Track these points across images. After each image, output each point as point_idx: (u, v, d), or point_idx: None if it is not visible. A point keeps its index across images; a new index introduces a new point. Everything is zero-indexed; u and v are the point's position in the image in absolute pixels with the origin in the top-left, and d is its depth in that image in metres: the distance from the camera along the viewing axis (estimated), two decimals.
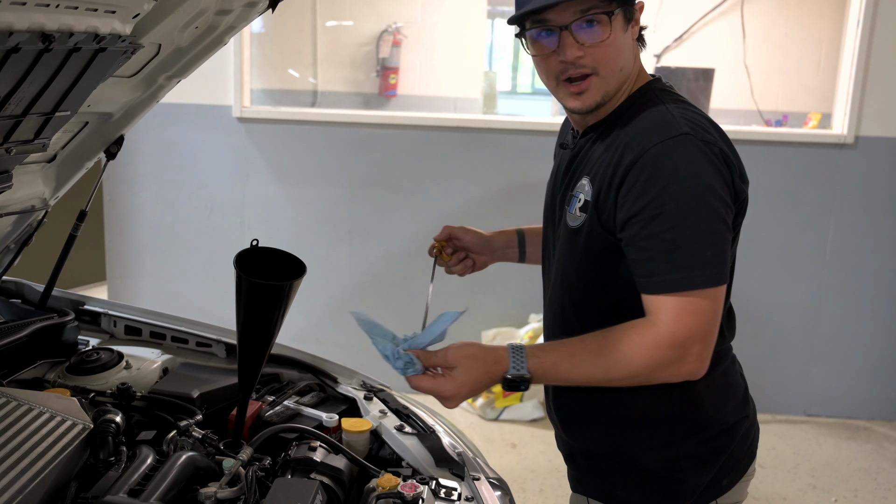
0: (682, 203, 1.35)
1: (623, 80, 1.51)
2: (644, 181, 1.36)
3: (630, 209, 1.39)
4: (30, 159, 1.76)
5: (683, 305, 1.35)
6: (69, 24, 1.20)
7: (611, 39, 1.44)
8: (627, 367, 1.38)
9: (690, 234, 1.35)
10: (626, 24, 1.46)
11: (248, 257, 1.55)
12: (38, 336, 1.90)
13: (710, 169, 1.37)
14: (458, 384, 1.44)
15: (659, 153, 1.36)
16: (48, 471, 1.33)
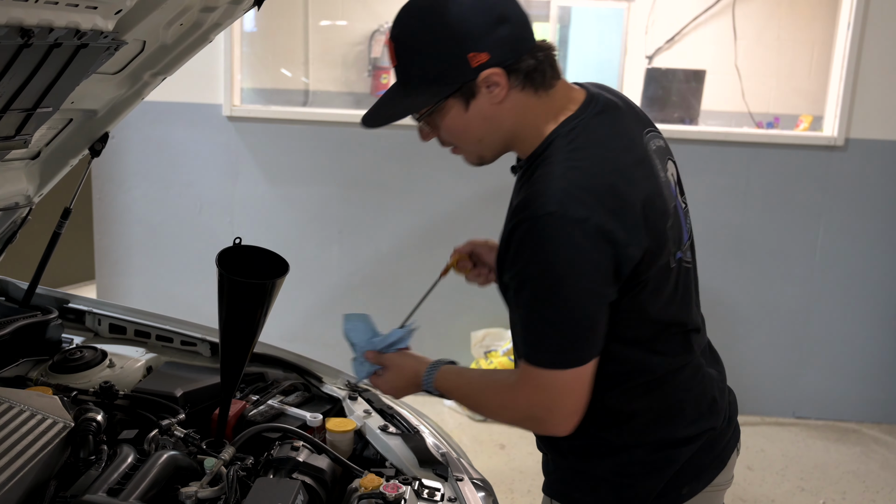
0: (536, 287, 1.35)
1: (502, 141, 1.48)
2: (512, 256, 1.37)
3: (509, 279, 1.41)
4: (12, 156, 1.75)
5: (529, 377, 1.40)
6: (49, 19, 1.19)
7: (447, 126, 1.45)
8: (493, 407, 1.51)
9: (540, 319, 1.37)
10: (464, 103, 1.40)
11: (231, 255, 1.55)
12: (20, 334, 1.89)
13: (570, 253, 1.32)
14: (388, 385, 1.62)
15: (524, 231, 1.34)
16: (27, 469, 1.32)
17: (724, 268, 4.34)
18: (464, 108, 1.41)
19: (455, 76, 1.38)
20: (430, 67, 1.39)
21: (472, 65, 1.36)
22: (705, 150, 4.26)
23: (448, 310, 4.50)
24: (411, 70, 1.41)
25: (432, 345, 4.53)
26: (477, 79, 1.38)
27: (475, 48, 1.36)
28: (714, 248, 4.30)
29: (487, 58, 1.37)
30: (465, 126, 1.44)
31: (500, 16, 1.38)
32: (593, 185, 1.36)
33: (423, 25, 1.38)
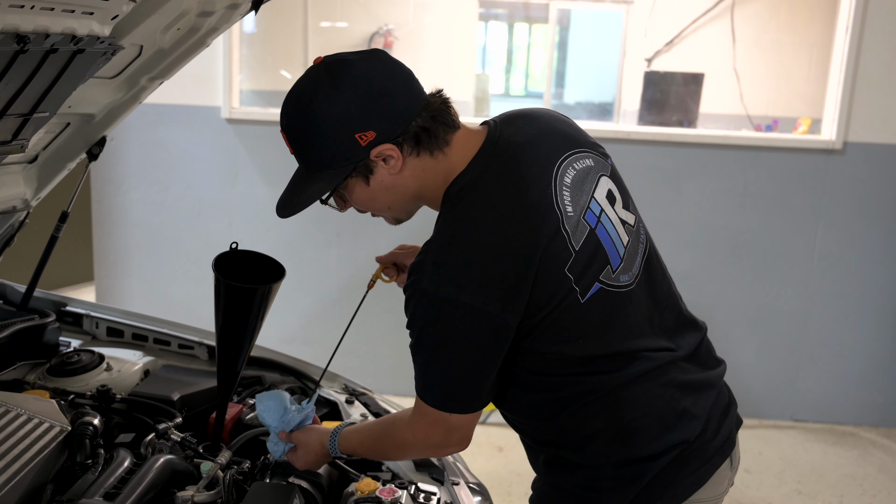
0: (421, 344, 1.42)
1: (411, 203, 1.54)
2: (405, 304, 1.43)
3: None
4: (10, 160, 1.75)
5: (424, 412, 1.44)
6: (45, 25, 1.20)
7: (355, 200, 1.49)
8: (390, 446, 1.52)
9: (426, 368, 1.43)
10: (364, 178, 1.44)
11: (228, 260, 1.55)
12: (18, 337, 1.89)
13: (443, 326, 1.40)
14: (302, 461, 1.58)
15: (409, 296, 1.41)
16: (24, 473, 1.32)
17: (722, 271, 4.34)
18: (365, 183, 1.44)
19: (348, 157, 1.40)
20: (323, 153, 1.40)
21: (361, 144, 1.39)
22: (704, 153, 4.27)
23: None
24: (307, 157, 1.43)
25: None
26: (369, 156, 1.40)
27: (360, 129, 1.38)
28: (712, 251, 4.31)
29: (374, 135, 1.39)
30: (371, 198, 1.47)
31: (379, 92, 1.40)
32: (466, 264, 1.38)
33: (306, 116, 1.40)
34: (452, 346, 1.40)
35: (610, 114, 5.09)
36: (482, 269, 1.38)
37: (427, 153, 1.44)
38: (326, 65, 1.43)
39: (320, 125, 1.39)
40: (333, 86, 1.39)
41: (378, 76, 1.41)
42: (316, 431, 1.61)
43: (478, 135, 1.50)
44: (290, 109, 1.43)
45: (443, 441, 1.46)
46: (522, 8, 5.35)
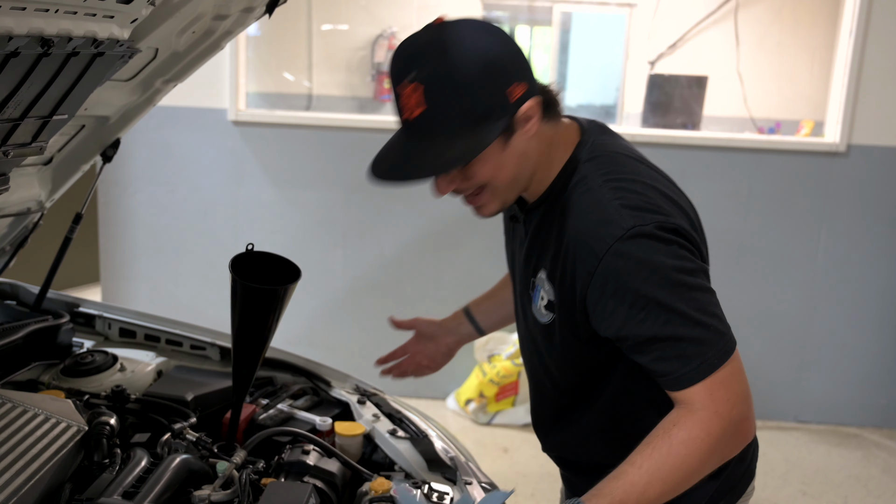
0: (662, 297, 1.28)
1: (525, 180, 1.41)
2: (613, 292, 1.30)
3: (614, 323, 1.33)
4: (27, 162, 1.77)
5: (712, 386, 1.29)
6: (68, 28, 1.21)
7: (484, 169, 1.34)
8: (694, 469, 1.31)
9: (684, 322, 1.28)
10: (504, 140, 1.32)
11: (244, 261, 1.56)
12: (32, 338, 1.90)
13: (666, 250, 1.29)
14: None
15: (615, 259, 1.28)
16: (43, 472, 1.33)
17: (725, 273, 4.35)
18: (502, 147, 1.32)
19: (500, 112, 1.28)
20: (477, 105, 1.27)
21: (511, 99, 1.28)
22: (707, 155, 4.28)
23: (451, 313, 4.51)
24: (452, 112, 1.27)
25: None
26: (517, 113, 1.30)
27: (511, 80, 1.28)
28: (716, 253, 4.30)
29: (525, 89, 1.30)
30: (502, 166, 1.34)
31: (514, 45, 1.31)
32: (646, 196, 1.33)
33: (459, 61, 1.25)
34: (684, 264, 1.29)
35: (612, 116, 5.11)
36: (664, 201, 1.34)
37: (548, 121, 1.38)
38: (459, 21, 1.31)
39: (478, 70, 1.25)
40: (487, 31, 1.29)
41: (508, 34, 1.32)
42: None
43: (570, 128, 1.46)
44: (437, 56, 1.26)
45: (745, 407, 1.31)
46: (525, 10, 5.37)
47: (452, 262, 4.48)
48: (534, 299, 1.49)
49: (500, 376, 4.28)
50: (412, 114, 1.28)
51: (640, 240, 1.28)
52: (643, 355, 1.32)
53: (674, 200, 1.38)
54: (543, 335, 1.50)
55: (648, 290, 1.27)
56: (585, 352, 1.45)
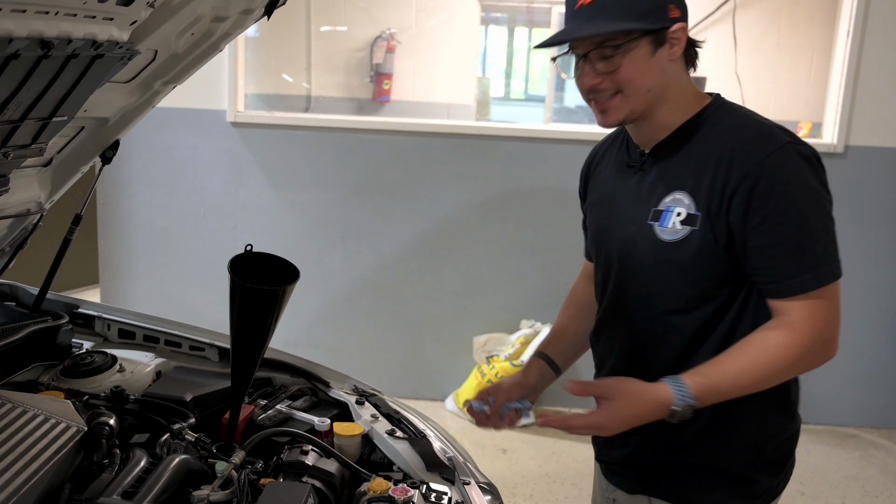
0: (802, 208, 1.46)
1: (655, 100, 1.57)
2: (762, 192, 1.46)
3: (750, 221, 1.48)
4: (26, 163, 1.77)
5: (816, 303, 1.47)
6: (68, 30, 1.22)
7: (630, 67, 1.52)
8: (781, 370, 1.52)
9: (812, 235, 1.47)
10: (653, 48, 1.52)
11: (243, 262, 1.57)
12: (32, 339, 1.90)
13: (813, 173, 1.49)
14: (613, 415, 1.53)
15: (772, 164, 1.45)
16: (42, 473, 1.34)
17: None
18: (650, 54, 1.52)
19: (658, 18, 1.51)
20: (640, 4, 1.50)
21: (669, 15, 1.52)
22: None
23: (450, 315, 4.52)
24: (617, 4, 1.49)
25: (435, 350, 4.57)
26: (670, 28, 1.52)
27: (674, 1, 1.53)
28: None
29: (680, 13, 1.54)
30: (644, 71, 1.53)
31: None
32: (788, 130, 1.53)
33: None
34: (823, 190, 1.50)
35: None
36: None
37: (686, 64, 1.61)
38: None
39: None
40: None
41: None
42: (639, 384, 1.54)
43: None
44: None
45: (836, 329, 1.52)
46: (523, 12, 5.38)
47: (451, 264, 4.49)
48: (662, 222, 1.59)
49: (499, 377, 4.28)
50: (584, 4, 1.52)
51: (795, 155, 1.47)
52: (765, 259, 1.48)
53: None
54: (673, 253, 1.58)
55: (792, 198, 1.45)
56: (717, 263, 1.54)
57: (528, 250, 4.39)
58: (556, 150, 4.28)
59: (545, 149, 4.30)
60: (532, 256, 4.39)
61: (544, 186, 4.28)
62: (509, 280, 4.44)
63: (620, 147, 1.77)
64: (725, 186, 1.49)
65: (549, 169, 4.28)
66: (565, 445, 4.11)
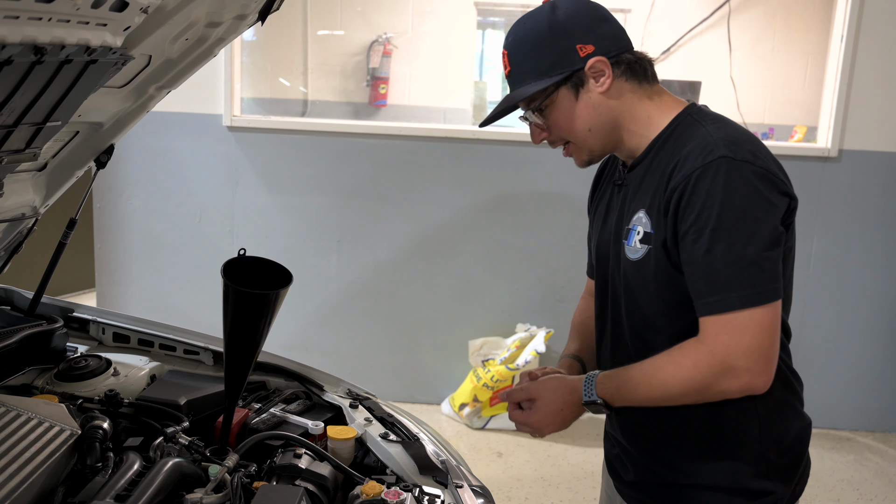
0: (718, 227, 1.40)
1: (609, 132, 1.59)
2: (684, 206, 1.44)
3: (675, 233, 1.47)
4: (21, 168, 1.78)
5: (721, 326, 1.42)
6: (61, 36, 1.22)
7: (559, 118, 1.58)
8: (675, 385, 1.48)
9: (725, 257, 1.40)
10: (574, 92, 1.55)
11: (236, 266, 1.57)
12: (26, 343, 1.91)
13: (747, 190, 1.41)
14: (541, 414, 1.61)
15: (697, 178, 1.42)
16: (35, 476, 1.34)
17: None
18: (574, 98, 1.55)
19: (565, 65, 1.53)
20: (543, 60, 1.53)
21: (580, 55, 1.52)
22: None
23: (446, 319, 4.53)
24: (524, 68, 1.55)
25: (430, 354, 4.58)
26: (585, 67, 1.52)
27: (582, 41, 1.53)
28: None
29: (593, 49, 1.53)
30: (575, 116, 1.56)
31: (602, 16, 1.57)
32: (747, 139, 1.48)
33: (534, 27, 1.55)
34: (756, 209, 1.41)
35: None
36: (762, 148, 1.48)
37: (635, 81, 1.58)
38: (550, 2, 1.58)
39: (548, 33, 1.53)
40: (556, 6, 1.55)
41: (597, 7, 1.58)
42: (558, 379, 1.61)
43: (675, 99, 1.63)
44: (521, 25, 1.58)
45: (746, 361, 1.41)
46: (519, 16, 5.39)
47: (446, 268, 4.49)
48: (628, 241, 1.59)
49: (495, 381, 4.29)
50: (506, 73, 1.60)
51: (726, 169, 1.41)
52: (686, 274, 1.46)
53: (774, 157, 1.50)
54: (636, 272, 1.57)
55: (709, 216, 1.41)
56: (672, 279, 1.51)
57: (523, 254, 4.39)
58: (552, 155, 4.27)
59: (541, 153, 4.30)
60: (527, 260, 4.40)
61: (540, 190, 4.29)
62: (505, 284, 4.45)
63: (615, 161, 1.77)
64: (662, 200, 1.49)
65: (545, 173, 4.29)
66: (561, 449, 4.11)
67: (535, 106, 1.57)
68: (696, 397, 1.49)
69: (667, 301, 1.55)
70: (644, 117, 1.58)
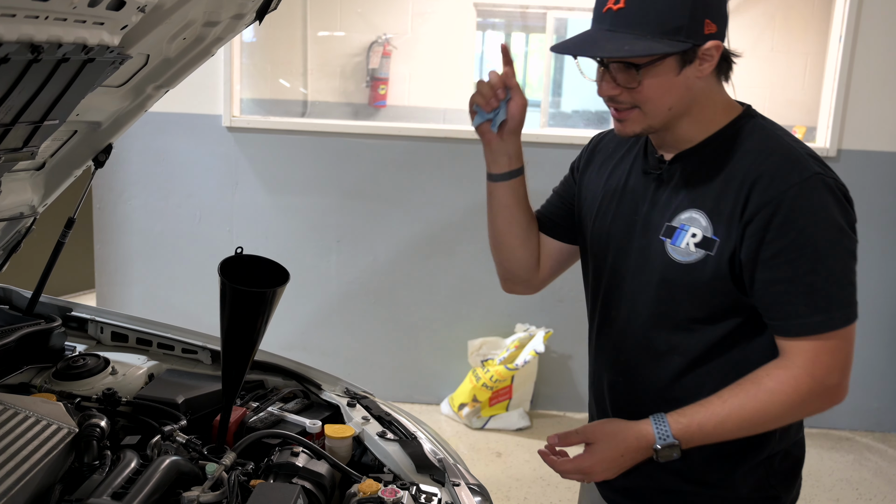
0: (821, 246, 1.37)
1: (677, 115, 1.48)
2: (780, 224, 1.38)
3: (764, 252, 1.40)
4: (18, 167, 1.78)
5: (821, 347, 1.39)
6: (58, 35, 1.23)
7: (651, 85, 1.42)
8: (773, 416, 1.44)
9: (829, 276, 1.38)
10: (679, 66, 1.41)
11: (233, 265, 1.58)
12: (25, 341, 1.91)
13: (840, 209, 1.40)
14: (597, 459, 1.50)
15: (796, 195, 1.37)
16: (33, 473, 1.35)
17: None
18: (675, 71, 1.42)
19: (690, 35, 1.38)
20: (672, 19, 1.37)
21: (704, 31, 1.40)
22: None
23: (445, 319, 4.53)
24: (648, 15, 1.38)
25: (430, 354, 4.58)
26: (702, 45, 1.40)
27: (712, 16, 1.40)
28: None
29: (716, 29, 1.41)
30: (668, 90, 1.43)
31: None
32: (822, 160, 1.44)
33: None
34: (847, 228, 1.41)
35: (606, 122, 5.13)
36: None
37: (719, 77, 1.50)
38: None
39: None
40: None
41: None
42: (618, 423, 1.51)
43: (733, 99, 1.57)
44: None
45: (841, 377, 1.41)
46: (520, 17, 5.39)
47: (446, 268, 4.50)
48: (674, 240, 1.51)
49: (494, 381, 4.29)
50: (611, 8, 1.40)
51: (822, 188, 1.38)
52: (775, 295, 1.40)
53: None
54: (683, 275, 1.50)
55: (811, 234, 1.37)
56: (728, 289, 1.46)
57: None
58: (552, 154, 4.28)
59: (540, 153, 4.30)
60: None
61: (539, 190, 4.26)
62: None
63: (637, 145, 1.66)
64: (744, 212, 1.41)
65: (544, 173, 4.25)
66: None
67: (636, 61, 1.40)
68: (789, 421, 1.49)
69: (710, 308, 1.49)
70: (710, 111, 1.50)
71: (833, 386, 1.42)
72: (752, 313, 1.48)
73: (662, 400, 1.54)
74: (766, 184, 1.40)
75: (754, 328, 1.49)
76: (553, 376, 4.56)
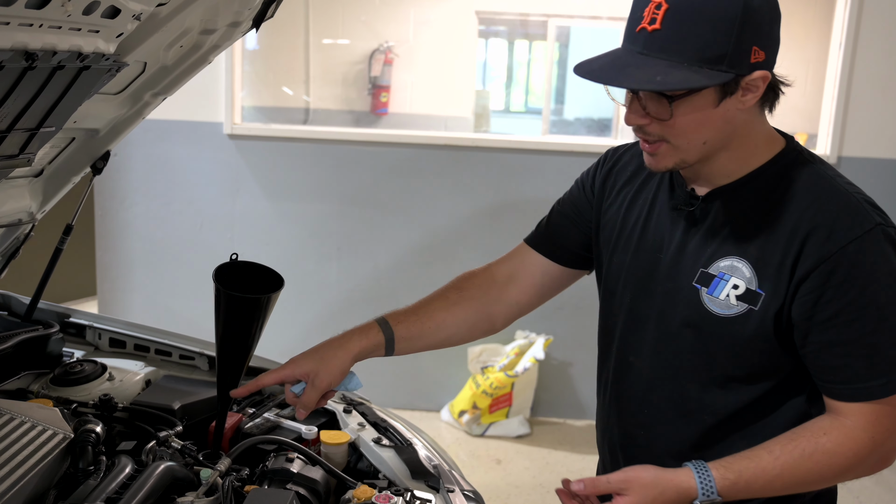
0: (884, 305, 1.26)
1: (713, 150, 1.33)
2: (839, 283, 1.25)
3: (820, 313, 1.28)
4: (16, 174, 1.79)
5: (881, 410, 1.28)
6: (52, 43, 1.24)
7: (685, 118, 1.27)
8: (827, 478, 1.33)
9: (891, 337, 1.27)
10: (719, 98, 1.26)
11: (228, 271, 1.59)
12: (22, 347, 1.92)
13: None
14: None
15: (856, 251, 1.25)
16: (28, 478, 1.35)
17: None
18: (714, 104, 1.26)
19: (734, 65, 1.22)
20: (714, 46, 1.21)
21: (750, 59, 1.23)
22: None
23: None
24: (687, 40, 1.21)
25: (430, 362, 4.58)
26: (746, 76, 1.25)
27: (761, 43, 1.24)
28: None
29: (764, 57, 1.26)
30: (703, 123, 1.28)
31: (779, 13, 1.28)
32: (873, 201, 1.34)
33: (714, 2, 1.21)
34: None
35: (609, 129, 5.14)
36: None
37: (764, 108, 1.35)
38: None
39: (734, 16, 1.20)
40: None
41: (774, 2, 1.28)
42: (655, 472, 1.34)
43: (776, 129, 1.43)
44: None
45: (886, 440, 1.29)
46: (522, 25, 5.41)
47: (446, 275, 4.45)
48: (712, 291, 1.37)
49: (494, 388, 4.29)
50: (645, 28, 1.24)
51: (883, 240, 1.27)
52: (833, 357, 1.29)
53: None
54: (721, 329, 1.37)
55: (873, 292, 1.25)
56: (771, 348, 1.35)
57: None
58: (553, 162, 4.29)
59: (542, 160, 4.32)
60: None
61: (540, 198, 4.28)
62: None
63: (662, 177, 1.51)
64: (796, 267, 1.28)
65: (546, 181, 4.29)
66: (560, 456, 4.11)
67: (674, 97, 1.25)
68: (837, 482, 1.40)
69: (749, 367, 1.38)
70: (752, 145, 1.35)
71: (890, 450, 1.32)
72: (794, 371, 1.37)
73: (685, 459, 1.39)
74: (823, 237, 1.27)
75: (794, 387, 1.38)
76: (553, 383, 4.56)
